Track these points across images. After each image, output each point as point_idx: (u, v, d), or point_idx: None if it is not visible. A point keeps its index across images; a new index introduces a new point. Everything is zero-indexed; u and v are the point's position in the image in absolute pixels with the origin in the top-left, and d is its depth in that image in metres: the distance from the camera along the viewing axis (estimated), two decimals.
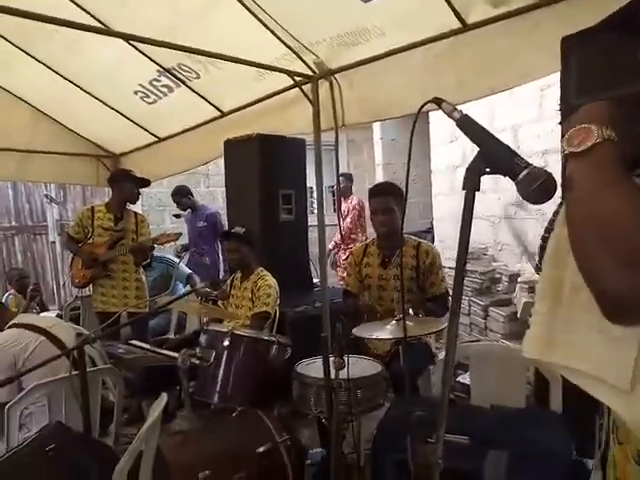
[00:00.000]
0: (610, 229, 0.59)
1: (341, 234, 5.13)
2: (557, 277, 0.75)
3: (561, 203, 0.78)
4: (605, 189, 0.61)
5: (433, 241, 5.16)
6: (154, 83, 3.54)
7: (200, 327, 2.86)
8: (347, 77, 2.95)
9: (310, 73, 3.02)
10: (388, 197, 2.66)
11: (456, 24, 2.34)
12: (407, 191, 1.22)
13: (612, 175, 0.62)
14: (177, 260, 4.17)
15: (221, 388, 2.22)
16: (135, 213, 3.64)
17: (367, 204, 2.94)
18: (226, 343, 2.20)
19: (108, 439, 2.12)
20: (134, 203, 3.63)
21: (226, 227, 4.15)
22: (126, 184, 3.56)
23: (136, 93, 3.67)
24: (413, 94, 2.54)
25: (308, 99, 3.10)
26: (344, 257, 5.19)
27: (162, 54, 3.07)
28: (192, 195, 5.21)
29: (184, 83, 3.44)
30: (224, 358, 2.22)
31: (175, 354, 2.27)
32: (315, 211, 3.52)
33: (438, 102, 0.89)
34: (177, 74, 3.35)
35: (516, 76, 2.26)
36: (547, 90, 3.71)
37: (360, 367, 2.05)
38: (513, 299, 4.01)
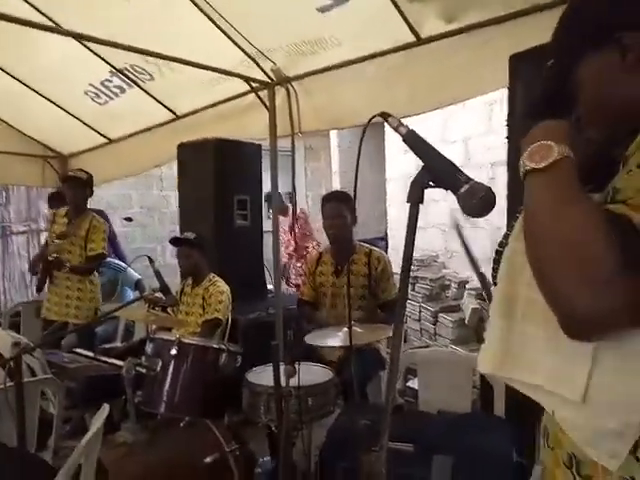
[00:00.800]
0: (573, 247, 0.59)
1: (296, 242, 5.10)
2: (511, 292, 0.76)
3: (516, 217, 0.80)
4: (567, 205, 0.62)
5: (387, 249, 5.24)
6: (106, 83, 3.44)
7: (147, 335, 2.78)
8: (304, 85, 2.97)
9: (267, 80, 3.02)
10: (340, 203, 2.70)
11: (410, 38, 2.40)
12: (355, 197, 1.24)
13: (573, 191, 0.63)
14: (125, 265, 4.03)
15: (168, 398, 2.16)
16: (92, 219, 3.45)
17: (311, 211, 2.96)
18: (173, 352, 2.14)
19: (46, 453, 2.02)
20: (79, 208, 3.44)
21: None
22: (66, 188, 3.43)
23: (86, 93, 3.56)
24: (367, 104, 2.58)
25: (265, 105, 3.11)
26: (299, 265, 5.17)
27: (114, 54, 2.99)
28: None
29: (137, 84, 3.36)
30: (171, 367, 2.16)
31: (120, 363, 2.19)
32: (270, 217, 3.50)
33: (385, 116, 0.91)
34: (130, 75, 3.27)
35: (466, 91, 2.34)
36: (495, 105, 3.86)
37: (311, 374, 2.05)
38: (461, 305, 4.13)
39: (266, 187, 3.52)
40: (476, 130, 4.10)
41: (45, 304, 3.45)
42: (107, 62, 3.16)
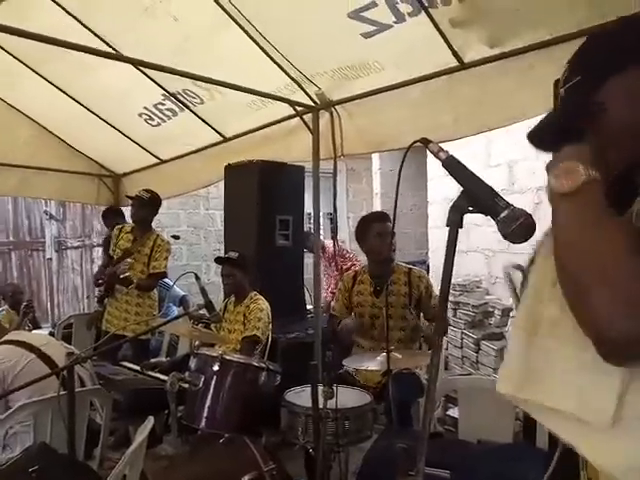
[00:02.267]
0: (607, 268, 0.59)
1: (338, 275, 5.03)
2: (536, 310, 0.74)
3: (545, 235, 0.79)
4: (596, 229, 0.62)
5: (428, 272, 5.17)
6: (159, 107, 3.62)
7: (191, 351, 2.85)
8: (347, 109, 3.02)
9: (311, 103, 3.09)
10: (389, 223, 2.71)
11: (454, 62, 2.41)
12: (395, 220, 1.26)
13: (602, 214, 0.63)
14: (170, 282, 4.16)
15: (209, 414, 2.20)
16: (157, 237, 3.61)
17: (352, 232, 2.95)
18: (215, 368, 2.19)
19: (93, 462, 2.09)
20: (142, 226, 3.60)
21: None
22: (132, 207, 3.60)
23: (140, 115, 3.75)
24: (410, 128, 2.60)
25: (309, 128, 3.18)
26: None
27: (168, 79, 3.15)
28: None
29: (188, 108, 3.52)
30: (213, 383, 2.20)
31: (165, 377, 2.25)
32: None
33: (425, 142, 0.93)
34: (181, 99, 3.43)
35: (510, 115, 2.32)
36: None
37: (349, 397, 2.04)
38: (505, 333, 4.01)
39: (308, 208, 3.58)
40: (521, 154, 4.03)
41: (105, 316, 3.62)
42: (161, 86, 3.33)
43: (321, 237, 4.72)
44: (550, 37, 2.04)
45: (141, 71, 3.14)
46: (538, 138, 0.81)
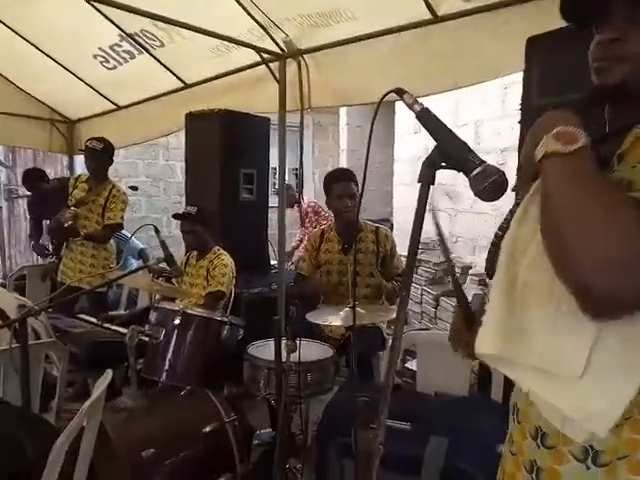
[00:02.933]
0: (602, 226, 0.61)
1: (303, 224, 5.04)
2: (512, 274, 0.76)
3: (517, 203, 0.81)
4: (594, 188, 0.64)
5: (392, 231, 5.23)
6: (115, 48, 3.40)
7: (151, 304, 2.80)
8: (316, 59, 2.92)
9: (278, 51, 2.97)
10: (352, 182, 2.68)
11: (427, 15, 2.34)
12: (365, 178, 1.22)
13: (598, 176, 0.66)
14: (129, 234, 4.04)
15: (170, 367, 2.19)
16: (113, 187, 3.45)
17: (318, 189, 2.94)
18: (177, 321, 2.17)
19: (49, 415, 2.06)
20: (98, 176, 3.43)
21: None
22: (85, 158, 3.42)
23: (95, 57, 3.52)
24: (380, 81, 2.53)
25: (275, 78, 3.06)
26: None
27: (125, 18, 2.94)
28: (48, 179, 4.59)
29: (147, 50, 3.32)
30: (174, 337, 2.18)
31: (124, 330, 2.21)
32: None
33: (400, 93, 0.89)
34: (140, 40, 3.22)
35: (482, 72, 2.30)
36: (510, 88, 3.79)
37: (311, 351, 2.06)
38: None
39: (273, 162, 3.50)
40: (489, 114, 4.04)
41: (60, 267, 3.50)
42: (117, 26, 3.11)
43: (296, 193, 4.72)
44: None
45: (95, 8, 2.91)
46: None
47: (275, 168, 3.53)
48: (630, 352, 0.66)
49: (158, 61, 3.41)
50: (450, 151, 0.84)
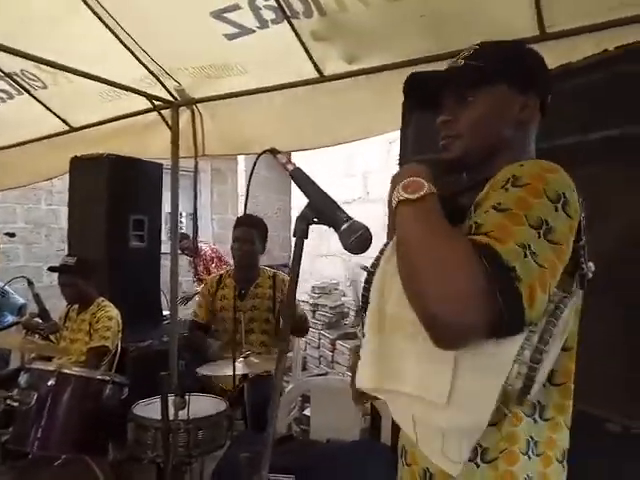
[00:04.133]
0: (445, 267, 0.67)
1: (199, 278, 4.94)
2: (381, 309, 0.83)
3: (387, 243, 0.88)
4: (437, 231, 0.72)
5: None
6: None
7: (22, 365, 2.53)
8: (209, 108, 2.95)
9: (170, 99, 2.96)
10: (251, 229, 2.70)
11: (314, 74, 2.48)
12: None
13: (442, 220, 0.73)
14: (8, 288, 3.65)
15: (42, 434, 1.97)
16: None
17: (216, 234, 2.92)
18: (51, 383, 1.97)
19: None
20: None
21: None
22: None
23: None
24: (272, 133, 2.62)
25: (167, 125, 3.03)
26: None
27: (3, 57, 2.76)
28: None
29: (27, 92, 3.13)
30: (48, 400, 1.98)
31: None
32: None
33: (274, 152, 0.94)
34: (20, 81, 3.04)
35: (365, 129, 2.46)
36: (395, 143, 4.09)
37: (203, 406, 1.98)
38: (358, 332, 4.23)
39: (168, 207, 3.41)
40: (376, 165, 4.31)
41: None
42: None
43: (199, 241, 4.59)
44: (399, 59, 2.20)
45: None
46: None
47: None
48: (482, 379, 0.73)
49: (40, 102, 3.23)
50: (321, 208, 0.89)
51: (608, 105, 1.47)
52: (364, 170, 4.48)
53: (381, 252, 0.89)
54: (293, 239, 0.90)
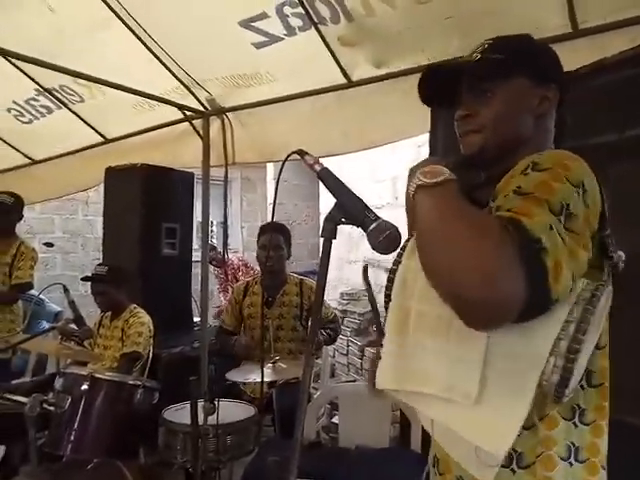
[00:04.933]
0: (473, 242, 0.64)
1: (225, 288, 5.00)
2: (404, 306, 0.80)
3: (407, 239, 0.86)
4: (461, 211, 0.70)
5: None
6: (31, 102, 3.31)
7: (57, 370, 2.60)
8: (239, 117, 2.99)
9: (201, 109, 3.01)
10: (278, 235, 2.72)
11: (342, 79, 2.49)
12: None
13: (463, 201, 0.71)
14: (42, 296, 3.75)
15: (75, 438, 2.00)
16: (21, 244, 3.22)
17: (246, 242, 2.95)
18: (84, 387, 2.01)
19: None
20: (5, 232, 3.19)
21: None
22: None
23: (9, 111, 3.39)
24: (300, 140, 2.62)
25: (198, 134, 3.09)
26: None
27: (42, 73, 2.88)
28: None
29: (66, 105, 3.25)
30: (81, 404, 2.01)
31: (25, 400, 2.02)
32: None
33: (302, 154, 0.94)
34: (58, 95, 3.16)
35: (393, 133, 2.45)
36: (423, 147, 4.05)
37: (231, 412, 1.98)
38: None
39: (199, 216, 3.46)
40: (404, 171, 4.25)
41: None
42: (34, 80, 3.04)
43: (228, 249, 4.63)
44: (428, 62, 2.18)
45: (10, 61, 2.83)
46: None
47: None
48: (515, 370, 0.70)
49: (77, 116, 3.34)
50: (348, 208, 0.88)
51: None
52: (393, 175, 4.45)
53: (402, 248, 0.86)
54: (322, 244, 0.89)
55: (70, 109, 3.26)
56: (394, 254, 0.86)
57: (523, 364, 0.69)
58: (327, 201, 5.70)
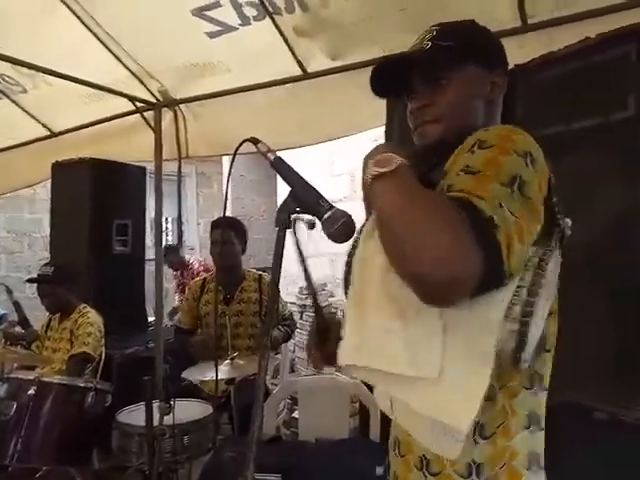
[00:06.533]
0: (431, 225, 0.65)
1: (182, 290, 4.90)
2: (363, 288, 0.80)
3: (363, 224, 0.87)
4: (416, 195, 0.70)
5: None
6: None
7: (1, 375, 2.46)
8: (192, 109, 2.92)
9: (153, 100, 2.92)
10: (229, 230, 2.66)
11: (297, 71, 2.46)
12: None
13: (417, 186, 0.71)
14: None
15: (22, 446, 1.90)
16: None
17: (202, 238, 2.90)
18: (31, 392, 1.91)
19: None
20: None
21: None
22: None
23: None
24: (255, 132, 2.52)
25: (150, 127, 2.99)
26: None
27: None
28: None
29: (7, 96, 3.07)
30: (28, 410, 1.92)
31: None
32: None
33: (254, 142, 0.91)
34: None
35: (349, 126, 2.45)
36: (380, 140, 4.09)
37: (188, 411, 1.94)
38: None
39: (152, 212, 3.35)
40: (361, 164, 4.27)
41: None
42: None
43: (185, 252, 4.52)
44: (383, 54, 2.18)
45: None
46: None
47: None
48: (471, 340, 0.70)
49: (20, 107, 3.17)
50: (302, 197, 0.87)
51: (589, 94, 1.46)
52: (350, 169, 4.46)
53: (359, 232, 0.86)
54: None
55: (12, 99, 3.09)
56: (349, 242, 0.85)
57: (478, 332, 0.70)
58: (284, 196, 5.62)
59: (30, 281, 2.67)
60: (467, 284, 0.64)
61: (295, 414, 2.63)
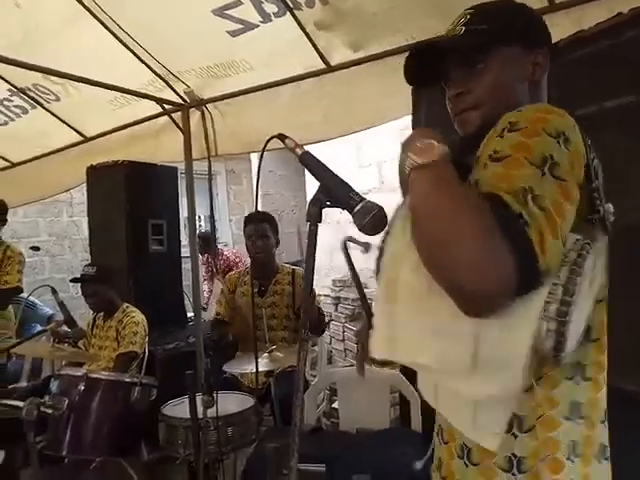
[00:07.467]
0: (460, 238, 0.63)
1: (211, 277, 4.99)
2: (392, 278, 0.78)
3: (399, 207, 0.84)
4: (454, 191, 0.67)
5: None
6: (5, 103, 3.23)
7: (52, 372, 2.58)
8: (218, 108, 2.95)
9: (180, 101, 2.97)
10: (264, 224, 2.71)
11: (321, 64, 2.46)
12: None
13: (455, 180, 0.69)
14: (36, 300, 3.71)
15: (75, 439, 2.00)
16: (7, 248, 3.18)
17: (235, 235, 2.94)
18: (80, 388, 2.00)
19: None
20: None
21: None
22: None
23: None
24: (281, 128, 2.54)
25: (179, 127, 3.05)
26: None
27: (14, 72, 2.81)
28: None
29: (41, 105, 3.18)
30: (79, 405, 2.01)
31: (21, 404, 2.00)
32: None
33: (282, 138, 0.93)
34: (32, 95, 3.09)
35: (375, 117, 2.43)
36: (406, 130, 4.03)
37: (230, 403, 1.99)
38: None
39: (185, 211, 3.43)
40: (389, 154, 4.27)
41: None
42: (6, 80, 2.97)
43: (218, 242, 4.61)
44: (406, 42, 2.16)
45: None
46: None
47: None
48: (507, 342, 0.69)
49: (54, 115, 3.28)
50: (333, 190, 0.88)
51: (622, 71, 1.42)
52: (378, 160, 4.44)
53: (393, 219, 0.84)
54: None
55: (46, 108, 3.20)
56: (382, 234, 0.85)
57: (514, 330, 0.68)
58: (314, 191, 5.63)
59: (74, 281, 2.77)
60: (504, 293, 0.63)
61: (335, 405, 2.66)
